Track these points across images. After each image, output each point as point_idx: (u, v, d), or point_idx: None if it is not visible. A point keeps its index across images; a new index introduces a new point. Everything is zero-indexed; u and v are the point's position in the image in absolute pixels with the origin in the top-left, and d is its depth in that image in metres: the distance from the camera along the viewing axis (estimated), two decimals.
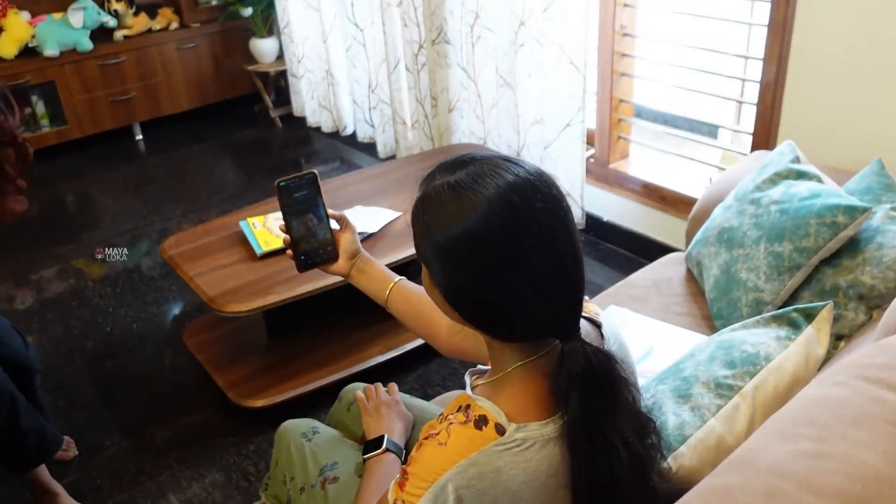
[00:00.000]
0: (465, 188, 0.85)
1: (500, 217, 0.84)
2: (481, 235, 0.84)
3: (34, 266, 3.09)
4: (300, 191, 1.23)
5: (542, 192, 0.86)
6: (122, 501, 1.94)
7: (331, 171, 3.82)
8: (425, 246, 0.89)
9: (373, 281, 1.30)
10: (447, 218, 0.86)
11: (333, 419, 1.51)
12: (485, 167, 0.87)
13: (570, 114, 2.64)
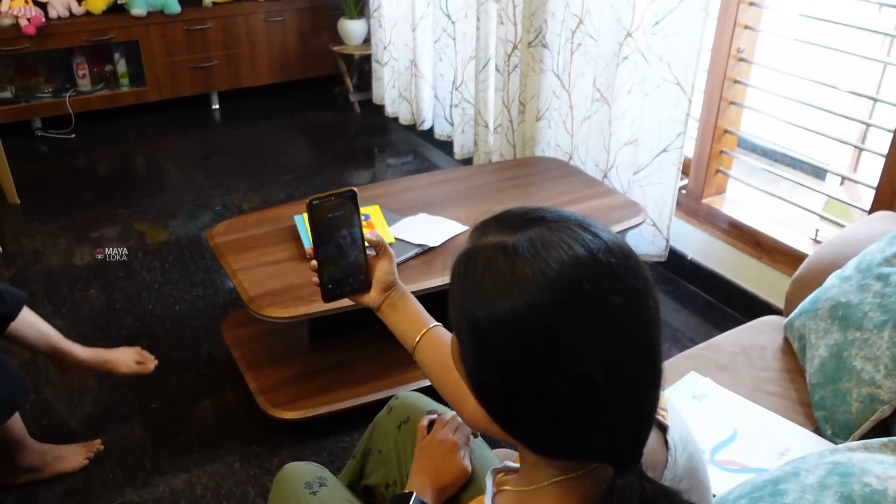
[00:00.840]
0: (522, 258, 0.65)
1: (560, 306, 0.64)
2: (531, 325, 0.64)
3: (95, 224, 3.02)
4: (335, 210, 1.08)
5: (625, 283, 0.65)
6: (132, 501, 1.81)
7: (402, 164, 3.65)
8: (460, 315, 0.69)
9: (404, 320, 1.13)
10: (493, 291, 0.66)
11: (379, 429, 1.30)
12: (554, 235, 0.67)
13: (669, 138, 2.40)
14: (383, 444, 1.27)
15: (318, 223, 1.07)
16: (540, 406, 0.66)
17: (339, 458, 1.93)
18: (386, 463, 1.25)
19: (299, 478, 1.20)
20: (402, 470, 1.21)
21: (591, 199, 2.29)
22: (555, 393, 0.65)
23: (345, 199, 1.08)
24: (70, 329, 2.39)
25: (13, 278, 2.68)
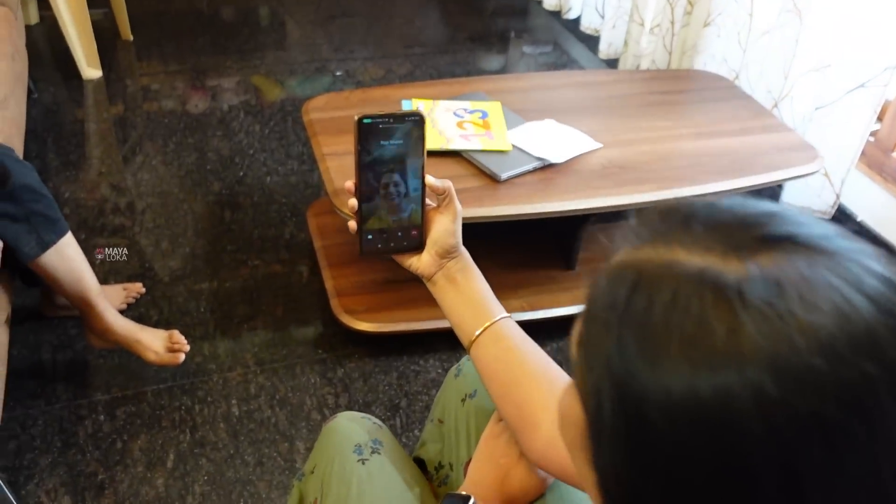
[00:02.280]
0: (754, 314, 0.34)
1: (817, 422, 0.33)
2: (747, 441, 0.34)
3: (205, 72, 2.83)
4: (392, 138, 0.81)
5: None
6: (182, 386, 1.67)
7: (539, 55, 3.26)
8: (601, 372, 0.39)
9: (462, 302, 0.86)
10: (683, 359, 0.35)
11: (444, 393, 1.05)
12: (818, 275, 0.35)
13: (871, 72, 1.93)
14: (443, 413, 1.02)
15: (366, 151, 0.81)
16: None
17: (409, 382, 1.72)
18: (442, 438, 1.00)
19: (350, 437, 0.96)
20: (459, 453, 0.96)
21: (755, 132, 1.88)
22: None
23: (409, 125, 0.81)
24: (155, 185, 2.24)
25: (114, 119, 2.55)
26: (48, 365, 1.70)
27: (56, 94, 2.64)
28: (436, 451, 1.01)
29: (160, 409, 1.62)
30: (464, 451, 0.95)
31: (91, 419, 1.59)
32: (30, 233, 1.36)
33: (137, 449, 1.54)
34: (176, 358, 1.59)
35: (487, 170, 1.63)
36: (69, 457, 1.51)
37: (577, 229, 1.83)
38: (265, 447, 1.57)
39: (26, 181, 1.35)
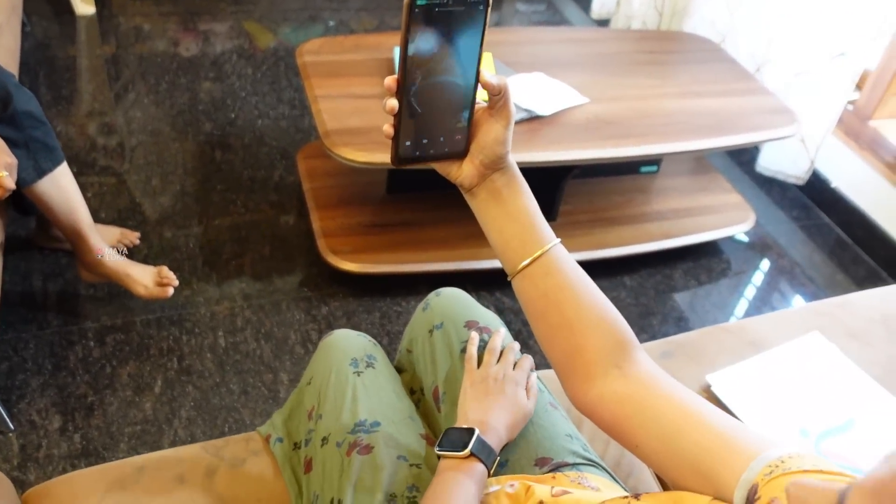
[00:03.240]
0: None
1: None
2: None
3: (198, 13, 2.83)
4: (447, 25, 0.67)
5: None
6: (170, 318, 1.72)
7: (532, 13, 3.27)
8: None
9: (508, 222, 0.75)
10: None
11: (413, 326, 1.08)
12: None
13: (852, 41, 1.97)
14: (412, 343, 1.07)
15: (416, 40, 0.67)
16: None
17: (391, 322, 1.78)
18: (412, 366, 1.06)
19: (346, 351, 1.02)
20: (427, 379, 1.02)
21: (736, 94, 1.93)
22: None
23: (469, 9, 0.67)
24: (147, 123, 2.26)
25: (106, 56, 2.55)
26: (39, 293, 1.74)
27: (48, 29, 2.63)
28: (406, 378, 1.07)
29: (149, 338, 1.67)
30: (430, 378, 1.01)
31: (81, 345, 1.64)
32: (28, 158, 1.39)
33: (126, 374, 1.60)
34: (164, 292, 1.63)
35: None
36: (60, 379, 1.57)
37: (561, 181, 1.88)
38: (250, 377, 1.63)
39: (28, 108, 1.38)
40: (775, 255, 2.15)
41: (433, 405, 1.01)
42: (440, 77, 0.69)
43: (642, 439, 0.69)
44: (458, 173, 0.75)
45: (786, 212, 2.31)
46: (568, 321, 0.74)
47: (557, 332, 0.74)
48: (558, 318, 0.74)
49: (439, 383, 1.00)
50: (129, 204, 1.99)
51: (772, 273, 2.11)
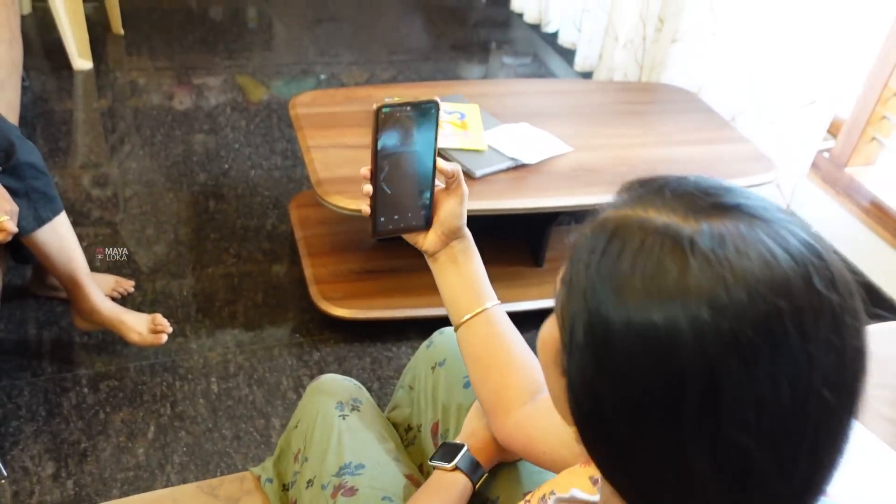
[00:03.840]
0: (701, 260, 0.44)
1: (737, 345, 0.43)
2: (686, 357, 0.43)
3: (193, 69, 2.90)
4: (408, 125, 0.84)
5: (843, 337, 0.44)
6: (164, 364, 1.74)
7: (518, 66, 3.37)
8: (580, 305, 0.48)
9: (460, 283, 0.91)
10: (643, 293, 0.45)
11: (416, 363, 1.13)
12: (755, 236, 0.45)
13: (822, 89, 2.06)
14: (414, 380, 1.11)
15: (384, 137, 0.84)
16: (655, 457, 0.46)
17: (382, 367, 1.81)
18: (414, 403, 1.10)
19: (332, 395, 1.06)
20: (427, 416, 1.05)
21: (714, 143, 2.01)
22: (683, 448, 0.45)
23: (424, 112, 0.85)
24: (142, 174, 2.31)
25: (103, 110, 2.62)
26: (34, 340, 1.77)
27: (46, 84, 2.70)
28: (405, 414, 1.10)
29: (142, 384, 1.70)
30: (430, 414, 1.04)
31: (75, 391, 1.66)
32: (28, 208, 1.43)
33: (119, 420, 1.61)
34: (158, 339, 1.66)
35: (463, 167, 1.73)
36: (53, 426, 1.58)
37: (546, 227, 1.93)
38: (242, 422, 1.64)
39: (31, 159, 1.43)
40: None
41: (430, 441, 1.04)
42: (405, 165, 0.87)
43: (549, 447, 0.83)
44: (424, 242, 0.91)
45: None
46: (499, 363, 0.90)
47: (490, 372, 0.90)
48: (491, 361, 0.90)
49: (439, 419, 1.03)
50: (124, 253, 2.02)
51: None
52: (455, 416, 1.01)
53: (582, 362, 0.48)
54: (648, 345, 0.44)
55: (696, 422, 0.44)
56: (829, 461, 0.46)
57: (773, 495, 0.46)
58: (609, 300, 0.46)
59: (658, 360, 0.44)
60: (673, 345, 0.43)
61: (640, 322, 0.44)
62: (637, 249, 0.46)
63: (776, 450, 0.44)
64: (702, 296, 0.43)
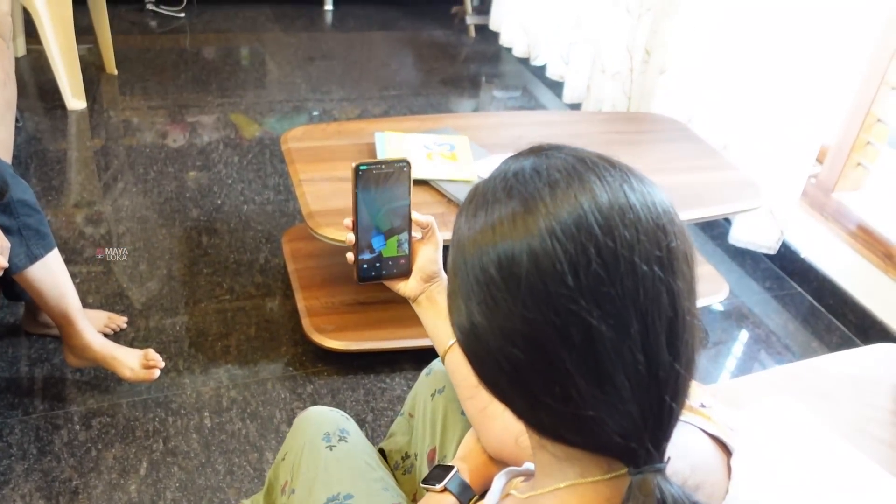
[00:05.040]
0: (525, 192, 0.55)
1: (571, 260, 0.52)
2: (529, 272, 0.52)
3: (186, 107, 2.93)
4: (384, 182, 0.96)
5: (660, 245, 0.53)
6: (156, 400, 1.73)
7: (508, 99, 3.41)
8: (451, 256, 0.60)
9: (441, 318, 1.00)
10: (487, 228, 0.55)
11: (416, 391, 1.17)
12: (575, 165, 0.56)
13: (811, 117, 2.09)
14: (413, 407, 1.11)
15: (363, 193, 0.96)
16: (534, 368, 0.54)
17: (376, 399, 1.80)
18: (412, 431, 1.10)
19: (319, 426, 1.06)
20: (424, 443, 1.05)
21: (704, 170, 2.03)
22: (548, 354, 0.53)
23: (398, 170, 0.96)
24: (135, 210, 2.32)
25: (96, 149, 2.64)
26: (26, 378, 1.76)
27: (40, 123, 2.72)
28: (404, 442, 1.10)
29: (134, 420, 1.69)
30: (428, 441, 1.05)
31: (67, 429, 1.65)
32: (20, 245, 1.43)
33: (111, 457, 1.60)
34: (151, 374, 1.65)
35: (453, 197, 1.75)
36: (44, 464, 1.57)
37: None
38: (235, 457, 1.63)
39: (24, 196, 1.44)
40: (751, 325, 2.21)
41: (427, 468, 1.04)
42: (385, 218, 0.97)
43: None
44: (405, 288, 1.02)
45: (759, 283, 2.38)
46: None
47: (474, 391, 0.90)
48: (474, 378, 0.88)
49: (437, 445, 1.03)
50: (117, 289, 2.02)
51: (749, 342, 2.15)
52: (453, 442, 1.01)
53: (456, 299, 0.58)
54: (497, 269, 0.54)
55: (554, 327, 0.51)
56: (668, 363, 0.53)
57: (634, 383, 0.52)
58: (467, 241, 0.57)
59: (512, 285, 0.53)
60: (521, 267, 0.53)
61: (489, 255, 0.54)
62: (482, 193, 0.60)
63: (633, 351, 0.51)
64: (531, 227, 0.53)
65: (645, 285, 0.51)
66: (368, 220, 0.97)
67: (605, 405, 0.52)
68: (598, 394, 0.52)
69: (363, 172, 0.94)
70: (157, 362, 1.65)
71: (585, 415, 0.52)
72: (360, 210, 0.96)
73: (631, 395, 0.52)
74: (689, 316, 0.54)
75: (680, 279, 0.53)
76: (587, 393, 0.52)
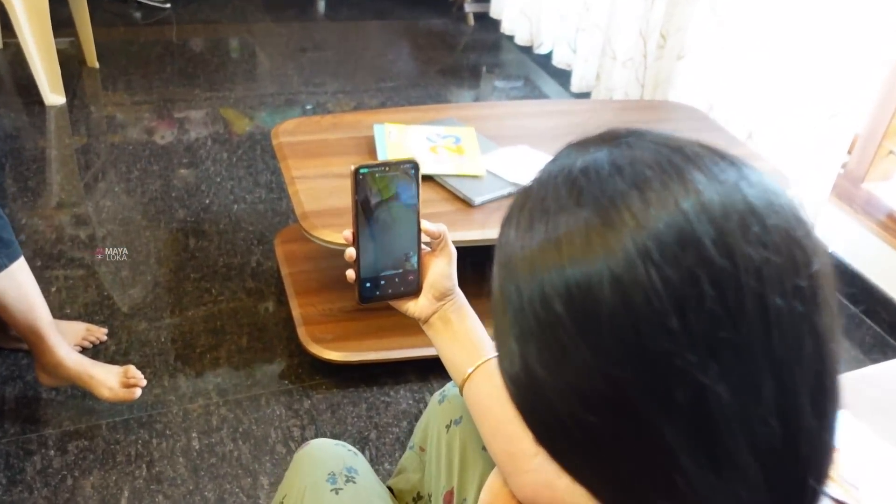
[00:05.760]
0: (602, 196, 0.39)
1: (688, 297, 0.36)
2: (614, 310, 0.37)
3: (171, 102, 2.77)
4: (390, 186, 0.82)
5: (798, 267, 0.38)
6: (139, 419, 1.58)
7: (510, 89, 3.26)
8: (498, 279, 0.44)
9: (457, 342, 0.86)
10: (549, 246, 0.40)
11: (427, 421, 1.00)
12: (670, 158, 0.40)
13: (841, 104, 1.94)
14: (424, 440, 0.96)
15: (364, 200, 0.82)
16: (614, 438, 0.39)
17: (380, 414, 1.66)
18: (423, 467, 0.95)
19: (322, 465, 0.90)
20: (440, 482, 0.90)
21: None
22: (636, 413, 0.38)
23: (404, 173, 0.83)
24: (117, 212, 2.17)
25: (77, 146, 2.48)
26: None
27: (16, 120, 2.56)
28: (415, 480, 0.95)
29: (115, 443, 1.53)
30: (444, 481, 0.90)
31: (40, 454, 1.49)
32: None
33: (89, 486, 1.45)
34: (131, 394, 1.51)
35: (461, 194, 1.60)
36: (14, 495, 1.42)
37: None
38: (227, 483, 1.48)
39: None
40: None
41: None
42: (389, 229, 0.84)
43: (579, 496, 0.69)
44: (415, 309, 0.87)
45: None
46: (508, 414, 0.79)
47: (499, 425, 0.79)
48: (500, 412, 0.79)
49: (454, 486, 0.88)
50: (97, 297, 1.87)
51: None
52: (474, 484, 0.86)
53: (509, 335, 0.43)
54: (564, 304, 0.39)
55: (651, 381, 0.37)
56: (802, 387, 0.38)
57: (770, 476, 0.37)
58: (517, 262, 0.42)
59: (586, 325, 0.38)
60: (586, 285, 0.38)
61: (549, 280, 0.39)
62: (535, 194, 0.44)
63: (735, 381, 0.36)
64: (612, 242, 0.38)
65: (781, 327, 0.37)
66: (371, 232, 0.84)
67: (722, 495, 0.37)
68: (714, 480, 0.37)
69: (364, 177, 0.81)
70: (138, 380, 1.50)
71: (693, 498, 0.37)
72: (360, 220, 0.83)
73: (761, 481, 0.37)
74: (837, 364, 0.39)
75: (826, 314, 0.38)
76: (697, 479, 0.37)
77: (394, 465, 1.54)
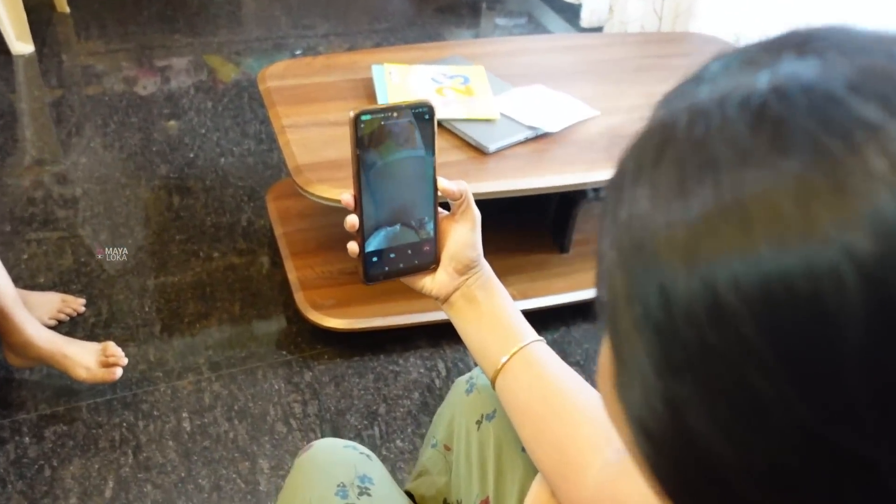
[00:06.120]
0: (827, 137, 0.22)
1: None
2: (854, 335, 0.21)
3: (150, 49, 2.56)
4: (398, 137, 0.67)
5: None
6: (123, 400, 1.44)
7: (513, 27, 3.05)
8: (614, 272, 0.29)
9: (486, 324, 0.71)
10: (720, 221, 0.24)
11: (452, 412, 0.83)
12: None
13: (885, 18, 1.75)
14: (450, 437, 0.80)
15: (366, 154, 0.66)
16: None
17: (388, 385, 1.51)
18: (449, 470, 0.79)
19: (330, 474, 0.75)
20: (471, 488, 0.75)
21: None
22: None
23: (416, 118, 0.67)
24: (93, 169, 1.99)
25: (48, 99, 2.28)
26: None
27: None
28: (441, 484, 0.80)
29: (97, 427, 1.39)
30: (477, 488, 0.74)
31: (14, 442, 1.35)
32: None
33: (70, 476, 1.31)
34: (111, 373, 1.35)
35: (473, 141, 1.42)
36: None
37: (573, 207, 1.63)
38: (222, 467, 1.34)
39: None
40: None
41: None
42: (398, 190, 0.69)
43: None
44: (432, 285, 0.73)
45: None
46: (555, 411, 0.67)
47: (544, 425, 0.66)
48: (544, 408, 0.67)
49: (490, 494, 0.73)
50: (73, 264, 1.71)
51: None
52: (513, 491, 0.71)
53: (640, 359, 0.27)
54: (740, 305, 0.23)
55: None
56: None
57: None
58: (668, 247, 0.26)
59: (759, 324, 0.23)
60: (788, 292, 0.22)
61: (725, 271, 0.24)
62: (702, 140, 0.27)
63: None
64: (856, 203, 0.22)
65: None
66: (377, 194, 0.68)
67: None
68: None
69: (366, 124, 0.65)
70: (118, 358, 1.35)
71: None
72: (364, 179, 0.67)
73: None
74: None
75: None
76: None
77: (406, 441, 1.41)
